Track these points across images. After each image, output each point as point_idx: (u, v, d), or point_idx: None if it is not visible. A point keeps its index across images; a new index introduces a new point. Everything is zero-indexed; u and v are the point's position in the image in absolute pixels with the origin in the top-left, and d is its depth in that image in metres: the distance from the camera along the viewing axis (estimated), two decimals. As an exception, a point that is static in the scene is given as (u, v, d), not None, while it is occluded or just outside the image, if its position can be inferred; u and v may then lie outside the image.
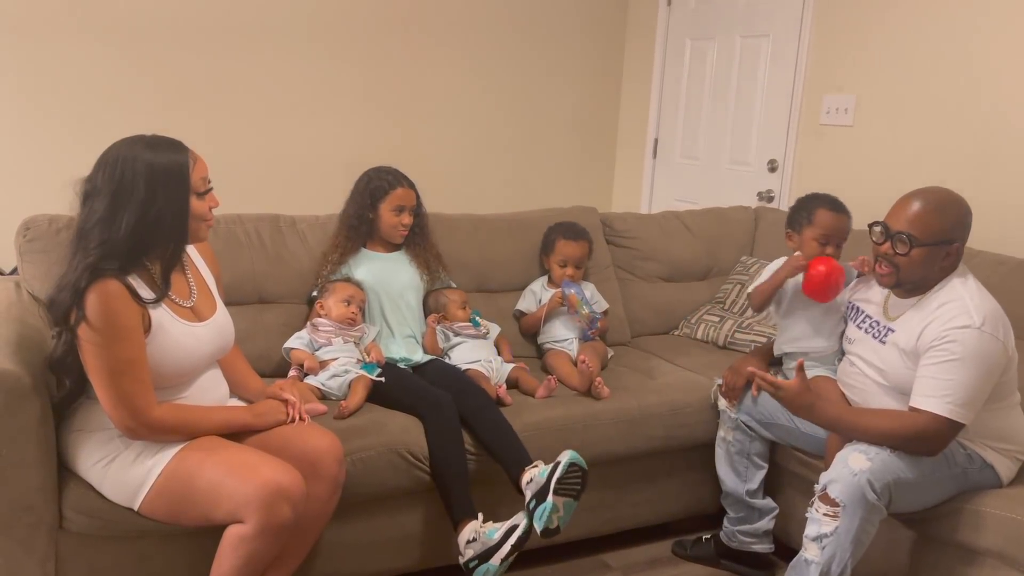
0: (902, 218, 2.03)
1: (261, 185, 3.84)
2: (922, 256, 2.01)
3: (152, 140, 1.81)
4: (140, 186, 1.74)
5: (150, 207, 1.75)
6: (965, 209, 2.05)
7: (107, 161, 1.77)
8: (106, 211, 1.74)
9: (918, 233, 2.00)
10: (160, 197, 1.76)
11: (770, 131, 3.85)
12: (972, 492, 2.03)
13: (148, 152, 1.77)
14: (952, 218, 2.02)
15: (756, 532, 2.48)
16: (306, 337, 2.50)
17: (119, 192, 1.74)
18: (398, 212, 2.60)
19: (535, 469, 2.14)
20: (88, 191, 1.78)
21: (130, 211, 1.74)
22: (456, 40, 4.21)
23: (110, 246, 1.74)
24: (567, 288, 2.75)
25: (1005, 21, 2.91)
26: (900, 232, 2.02)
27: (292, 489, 1.77)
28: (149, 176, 1.75)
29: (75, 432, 1.88)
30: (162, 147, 1.80)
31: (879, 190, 3.30)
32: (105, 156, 1.78)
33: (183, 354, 1.85)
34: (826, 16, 3.55)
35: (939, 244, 2.01)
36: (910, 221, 2.01)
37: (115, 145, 1.80)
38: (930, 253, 2.01)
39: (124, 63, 3.55)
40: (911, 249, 2.01)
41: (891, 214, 2.07)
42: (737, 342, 3.02)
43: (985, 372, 1.93)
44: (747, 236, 3.44)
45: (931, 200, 2.03)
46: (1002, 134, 2.94)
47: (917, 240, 2.00)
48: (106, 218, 1.74)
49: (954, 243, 2.02)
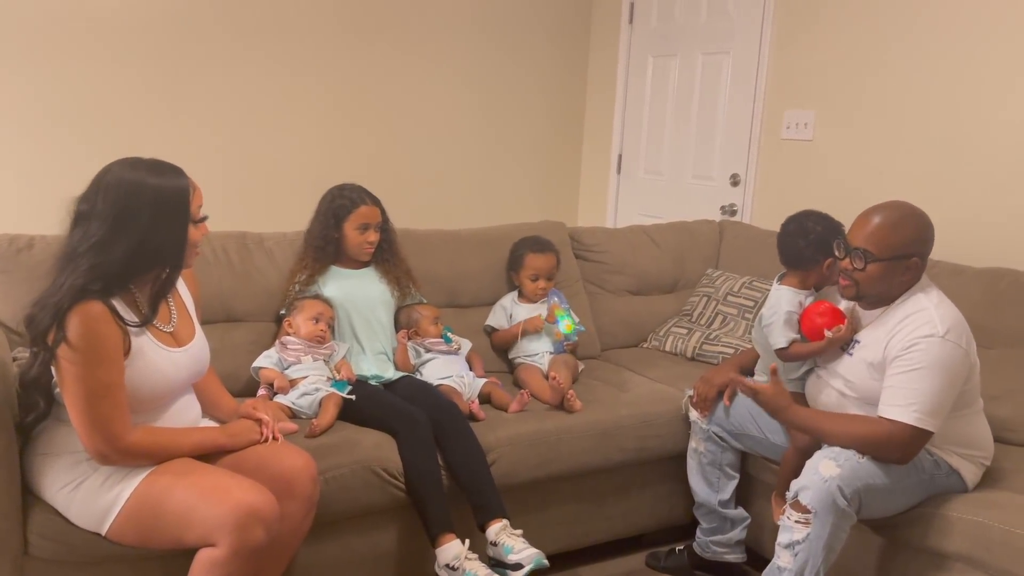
0: (860, 234, 2.07)
1: (228, 202, 3.78)
2: (879, 271, 2.05)
3: (154, 164, 1.76)
4: (144, 213, 1.71)
5: (152, 235, 1.72)
6: (924, 224, 2.07)
7: (108, 184, 1.72)
8: (104, 235, 1.69)
9: (874, 249, 2.04)
10: (163, 226, 1.73)
11: (732, 146, 3.92)
12: (939, 497, 2.07)
13: (153, 177, 1.73)
14: (910, 233, 2.05)
15: (729, 542, 2.50)
16: (275, 356, 2.47)
17: (121, 217, 1.70)
18: (362, 230, 2.59)
19: (502, 531, 2.16)
20: (84, 212, 1.72)
21: (130, 237, 1.70)
22: (423, 58, 4.22)
23: (101, 270, 1.70)
24: (552, 296, 2.81)
25: (961, 39, 3.00)
26: (857, 248, 2.06)
27: (265, 510, 1.74)
28: (155, 203, 1.71)
29: (41, 455, 1.84)
30: (166, 172, 1.76)
31: (839, 202, 3.38)
32: (105, 178, 1.73)
33: (161, 379, 1.82)
34: (785, 33, 3.63)
35: (896, 259, 2.04)
36: (867, 237, 2.05)
37: (114, 167, 1.74)
38: (887, 268, 2.05)
39: (84, 78, 3.50)
40: (867, 264, 2.05)
41: (851, 229, 2.11)
42: (705, 354, 3.05)
43: (949, 380, 1.98)
44: (712, 249, 3.48)
45: (889, 216, 2.06)
46: (957, 149, 3.03)
47: (873, 256, 2.04)
48: (102, 242, 1.69)
49: (912, 258, 2.05)
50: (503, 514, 2.22)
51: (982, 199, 2.96)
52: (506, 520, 2.20)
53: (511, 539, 2.15)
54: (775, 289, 2.37)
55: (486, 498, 2.23)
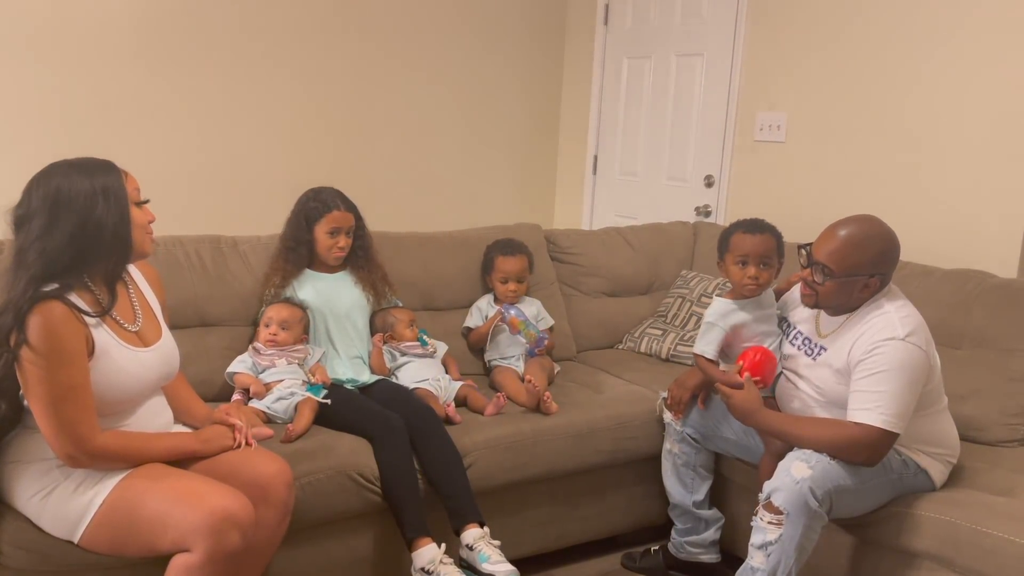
0: (823, 249, 2.08)
1: (201, 205, 3.77)
2: (835, 287, 2.08)
3: (80, 162, 1.78)
4: (78, 200, 1.72)
5: (89, 215, 1.72)
6: (888, 246, 2.08)
7: (38, 184, 1.74)
8: (44, 227, 1.71)
9: (834, 266, 2.06)
10: (99, 207, 1.73)
11: (706, 147, 3.95)
12: (908, 496, 2.10)
13: (80, 173, 1.75)
14: (872, 254, 2.06)
15: (703, 542, 2.52)
16: (249, 361, 2.46)
17: (56, 207, 1.71)
18: (333, 235, 2.58)
19: (481, 539, 2.16)
20: (21, 216, 1.74)
21: (69, 221, 1.71)
22: (398, 60, 4.21)
23: (49, 256, 1.70)
24: (507, 311, 2.76)
25: (931, 42, 3.04)
26: (818, 262, 2.09)
27: (240, 515, 1.73)
28: (87, 192, 1.73)
29: (11, 464, 1.82)
30: (92, 168, 1.78)
31: (811, 204, 3.44)
32: (35, 181, 1.75)
33: (127, 380, 1.81)
34: (758, 35, 3.66)
35: (854, 277, 2.06)
36: (829, 254, 2.07)
37: (43, 171, 1.77)
38: (844, 285, 2.07)
39: (55, 82, 3.45)
40: (825, 280, 2.08)
41: (817, 241, 2.12)
42: (680, 355, 3.08)
43: (911, 381, 2.00)
44: (687, 250, 3.51)
45: (853, 234, 2.07)
46: (926, 149, 3.07)
47: (832, 273, 2.06)
48: (44, 233, 1.71)
49: (873, 277, 2.07)
50: (478, 519, 2.23)
51: (952, 201, 3.00)
52: (486, 528, 2.21)
53: (489, 548, 2.16)
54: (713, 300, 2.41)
55: (461, 502, 2.24)
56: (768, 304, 2.35)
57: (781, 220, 2.47)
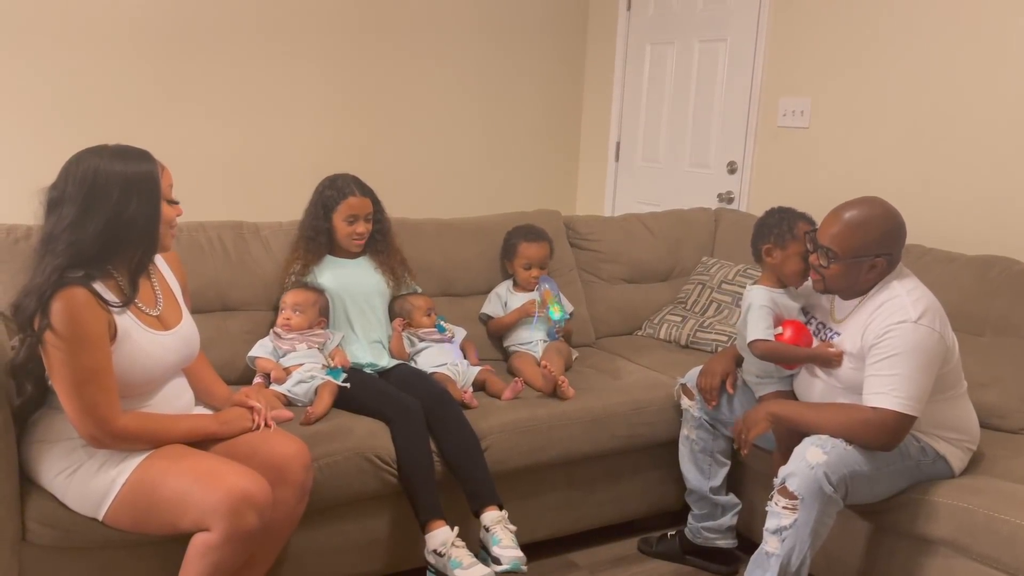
0: (827, 232, 2.09)
1: (224, 191, 3.82)
2: (841, 270, 2.08)
3: (119, 149, 1.80)
4: (113, 191, 1.74)
5: (123, 210, 1.75)
6: (892, 226, 2.07)
7: (76, 169, 1.76)
8: (76, 215, 1.73)
9: (838, 249, 2.06)
10: (133, 201, 1.76)
11: (729, 133, 3.92)
12: (925, 483, 2.09)
13: (118, 161, 1.77)
14: (875, 235, 2.05)
15: (720, 528, 2.52)
16: (270, 345, 2.50)
17: (90, 196, 1.73)
18: (351, 221, 2.59)
19: (499, 522, 2.19)
20: (55, 199, 1.77)
21: (102, 213, 1.74)
22: (420, 47, 4.22)
23: (78, 247, 1.73)
24: (544, 282, 2.81)
25: (955, 25, 3.00)
26: (823, 246, 2.09)
27: (259, 496, 1.77)
28: (123, 182, 1.75)
29: (37, 443, 1.87)
30: (131, 156, 1.80)
31: (835, 190, 3.39)
32: (73, 165, 1.77)
33: (149, 363, 1.84)
34: (781, 20, 3.62)
35: (859, 259, 2.06)
36: (832, 237, 2.07)
37: (81, 155, 1.79)
38: (850, 268, 2.07)
39: (81, 69, 3.51)
40: (830, 263, 2.08)
41: (821, 225, 2.13)
42: (699, 341, 3.07)
43: (925, 363, 1.99)
44: (708, 237, 3.49)
45: (855, 217, 2.06)
46: (951, 135, 3.03)
47: (836, 256, 2.06)
48: (76, 222, 1.73)
49: (876, 258, 2.06)
50: (497, 501, 2.25)
51: (976, 186, 2.96)
52: (505, 512, 2.23)
53: (503, 532, 2.17)
54: (747, 289, 2.39)
55: (480, 485, 2.26)
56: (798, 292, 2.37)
57: (805, 206, 2.44)
